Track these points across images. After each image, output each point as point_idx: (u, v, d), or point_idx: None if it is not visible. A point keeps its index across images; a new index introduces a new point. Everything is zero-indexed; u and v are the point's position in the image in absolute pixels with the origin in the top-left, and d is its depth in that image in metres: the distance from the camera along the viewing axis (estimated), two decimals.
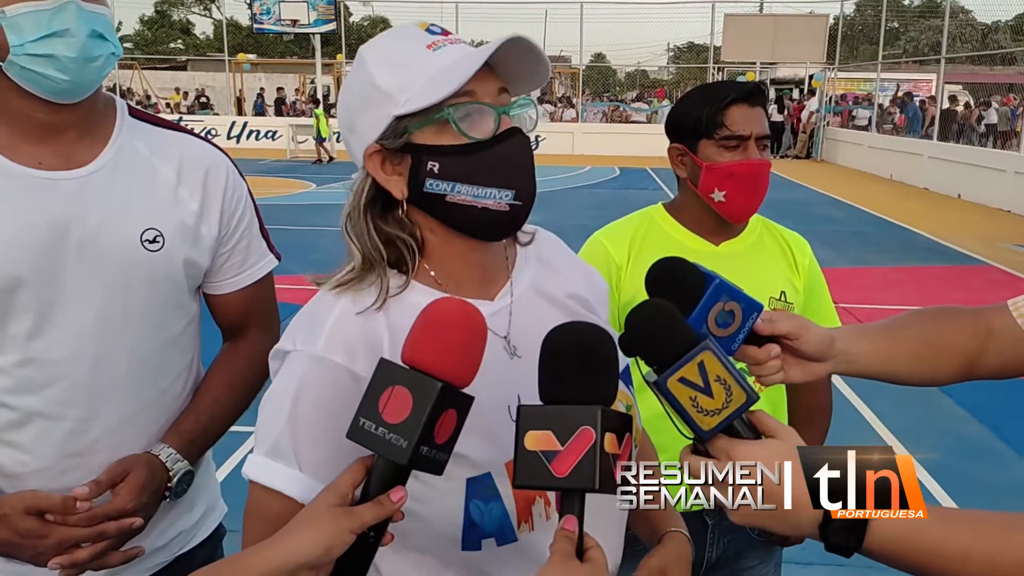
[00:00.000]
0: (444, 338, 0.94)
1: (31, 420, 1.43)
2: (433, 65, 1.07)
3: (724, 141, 1.87)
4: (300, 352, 1.09)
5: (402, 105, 1.06)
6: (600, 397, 0.96)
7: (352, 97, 1.13)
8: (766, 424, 1.03)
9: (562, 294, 1.25)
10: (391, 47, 1.12)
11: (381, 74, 1.08)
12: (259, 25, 28.35)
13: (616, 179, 19.33)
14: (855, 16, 30.57)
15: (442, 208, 1.10)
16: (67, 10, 1.34)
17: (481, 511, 1.07)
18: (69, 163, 1.43)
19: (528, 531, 1.13)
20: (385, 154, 1.10)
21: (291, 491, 1.06)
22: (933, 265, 10.42)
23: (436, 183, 1.08)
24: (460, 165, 1.07)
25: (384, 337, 1.09)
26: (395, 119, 1.08)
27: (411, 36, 1.11)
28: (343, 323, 1.09)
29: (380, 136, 1.09)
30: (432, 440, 0.92)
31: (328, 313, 1.10)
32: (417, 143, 1.08)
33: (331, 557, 0.92)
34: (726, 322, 1.15)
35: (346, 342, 1.08)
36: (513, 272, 1.23)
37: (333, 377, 1.06)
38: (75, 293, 1.42)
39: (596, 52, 52.39)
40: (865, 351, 1.27)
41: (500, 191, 1.09)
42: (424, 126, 1.07)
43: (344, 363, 1.07)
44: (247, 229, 1.62)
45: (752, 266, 1.96)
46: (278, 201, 14.41)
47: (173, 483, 1.50)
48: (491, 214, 1.10)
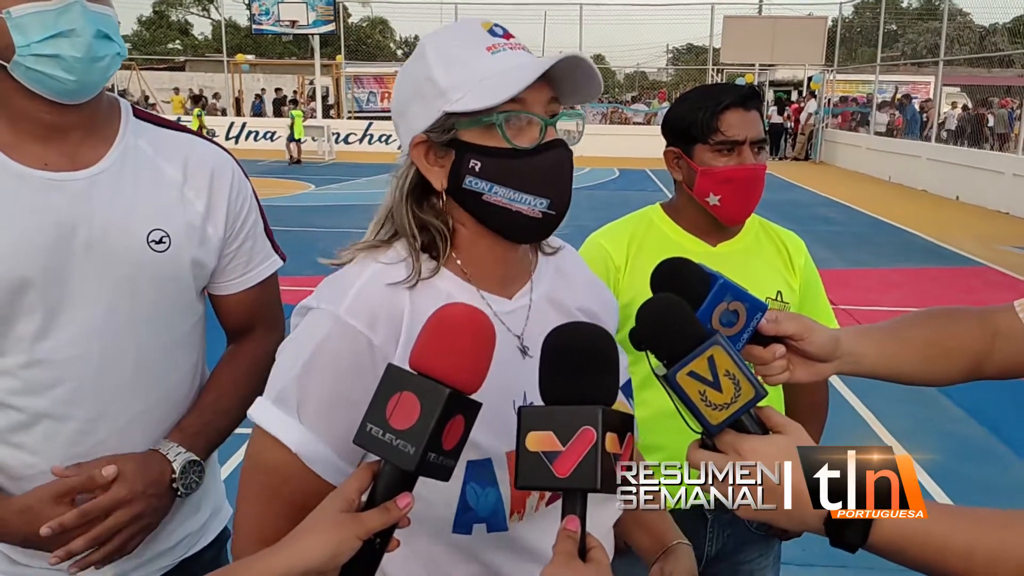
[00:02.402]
0: (452, 344, 0.94)
1: (38, 421, 1.43)
2: (490, 68, 1.10)
3: (719, 146, 1.89)
4: (323, 310, 1.12)
5: (454, 103, 1.10)
6: (601, 397, 0.96)
7: (407, 84, 1.17)
8: (774, 420, 1.03)
9: (573, 306, 1.27)
10: (452, 43, 1.14)
11: (438, 69, 1.12)
12: (258, 26, 28.35)
13: (615, 180, 19.33)
14: (854, 18, 30.56)
15: (478, 205, 1.14)
16: (72, 10, 1.33)
17: (477, 495, 1.09)
18: (75, 164, 1.43)
19: (518, 520, 1.14)
20: (430, 145, 1.14)
21: (284, 437, 1.08)
22: (931, 267, 10.43)
23: (476, 181, 1.12)
24: (501, 168, 1.11)
25: (405, 314, 1.12)
26: (445, 115, 1.11)
27: (473, 35, 1.14)
28: (369, 290, 1.12)
29: (428, 127, 1.13)
30: (439, 446, 0.92)
31: (356, 278, 1.14)
32: (463, 140, 1.12)
33: (338, 563, 0.92)
34: (730, 322, 1.16)
35: (370, 309, 1.11)
36: (534, 276, 1.25)
37: (350, 340, 1.09)
38: (82, 294, 1.42)
39: (595, 53, 52.29)
40: (872, 352, 1.27)
41: (536, 198, 1.12)
42: (472, 126, 1.11)
43: (363, 329, 1.09)
44: (252, 229, 1.62)
45: (749, 266, 1.97)
46: (277, 202, 14.39)
47: (178, 474, 1.49)
48: (524, 219, 1.13)
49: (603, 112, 29.86)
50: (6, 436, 1.44)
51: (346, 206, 14.29)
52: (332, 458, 1.09)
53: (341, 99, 29.72)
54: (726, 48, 27.03)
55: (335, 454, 1.09)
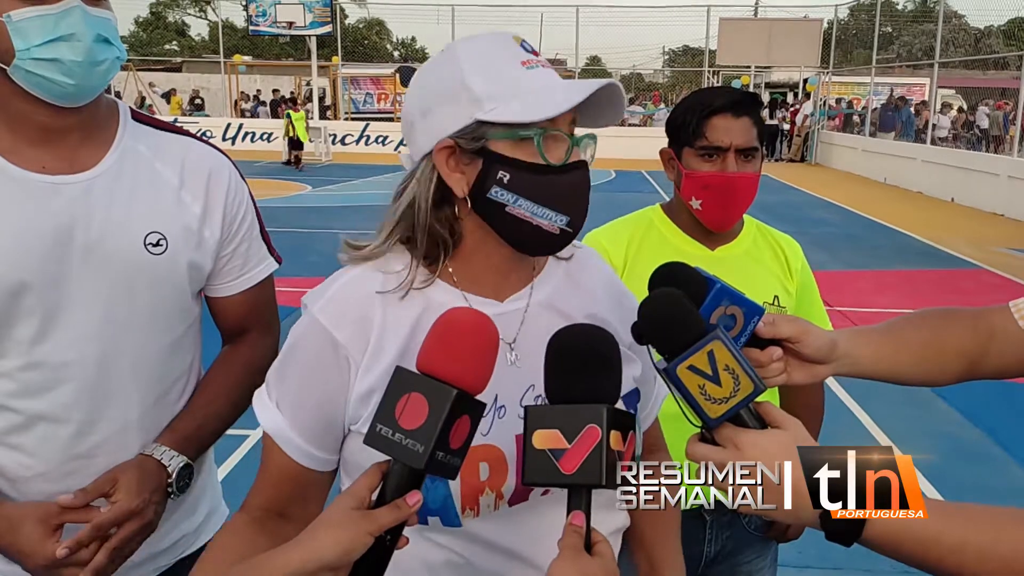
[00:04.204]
0: (459, 347, 0.97)
1: (35, 423, 1.43)
2: (528, 84, 1.11)
3: (702, 151, 1.89)
4: (308, 308, 1.19)
5: (488, 112, 1.10)
6: (605, 396, 0.99)
7: (435, 86, 1.15)
8: (772, 415, 1.05)
9: (580, 313, 1.26)
10: (488, 52, 1.14)
11: (474, 75, 1.11)
12: (255, 27, 28.30)
13: (612, 182, 19.35)
14: (849, 20, 30.62)
15: (498, 216, 1.14)
16: (73, 14, 1.34)
17: (426, 487, 1.08)
18: (73, 167, 1.43)
19: (473, 517, 1.16)
20: (455, 151, 1.13)
21: (261, 418, 1.19)
22: (926, 268, 10.46)
23: (502, 192, 1.12)
24: (529, 182, 1.11)
25: (375, 323, 1.16)
26: (477, 122, 1.11)
27: (508, 47, 1.14)
28: (345, 292, 1.18)
29: (457, 132, 1.12)
30: (447, 445, 0.94)
31: (337, 280, 1.20)
32: (493, 150, 1.11)
33: (350, 559, 0.94)
34: (728, 325, 1.17)
35: (339, 310, 1.17)
36: (536, 280, 1.26)
37: (317, 336, 1.16)
38: (80, 297, 1.42)
39: (591, 55, 52.35)
40: (868, 353, 1.28)
41: (558, 215, 1.13)
42: (505, 138, 1.11)
43: (329, 327, 1.15)
44: (248, 232, 1.62)
45: (747, 270, 1.97)
46: (273, 203, 14.39)
47: (173, 478, 1.49)
48: (543, 233, 1.14)
49: None
50: (3, 438, 1.44)
51: (343, 207, 14.30)
52: (299, 442, 1.18)
53: (338, 100, 29.73)
54: (722, 50, 27.06)
55: (302, 439, 1.18)
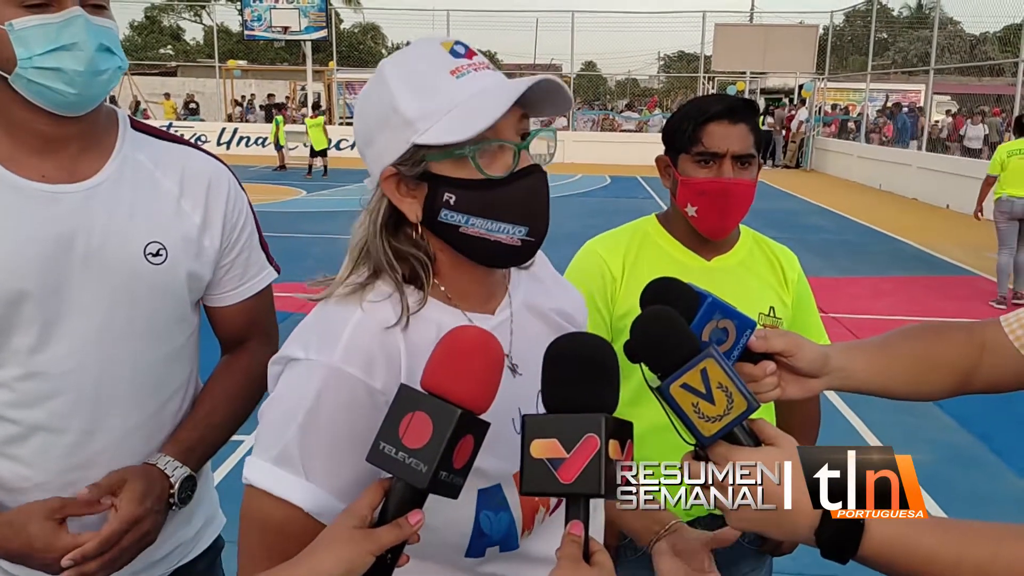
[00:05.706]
0: (464, 366, 0.96)
1: (33, 433, 1.43)
2: (457, 96, 1.06)
3: (698, 157, 1.89)
4: (314, 361, 1.06)
5: (422, 134, 1.05)
6: (603, 405, 0.98)
7: (371, 112, 1.11)
8: (766, 432, 1.05)
9: (550, 309, 1.27)
10: (414, 68, 1.09)
11: (402, 97, 1.07)
12: (250, 32, 28.31)
13: (607, 188, 19.37)
14: (844, 26, 30.67)
15: (455, 237, 1.10)
16: (75, 24, 1.33)
17: (491, 521, 1.09)
18: (73, 176, 1.42)
19: (528, 536, 1.16)
20: (401, 178, 1.10)
21: (296, 499, 1.04)
22: (921, 275, 10.47)
23: (451, 214, 1.08)
24: (476, 200, 1.07)
25: (401, 351, 1.09)
26: (414, 146, 1.06)
27: (435, 58, 1.09)
28: (361, 334, 1.07)
29: (398, 160, 1.08)
30: (450, 465, 0.94)
31: (343, 324, 1.08)
32: (435, 173, 1.08)
33: None
34: (720, 339, 1.17)
35: (365, 354, 1.06)
36: (509, 287, 1.25)
37: (349, 389, 1.05)
38: (79, 306, 1.42)
39: (587, 60, 52.50)
40: (860, 367, 1.29)
41: (514, 227, 1.09)
42: (443, 158, 1.07)
43: (361, 376, 1.05)
44: (248, 241, 1.62)
45: (743, 281, 1.97)
46: (268, 208, 14.37)
47: (175, 489, 1.49)
48: (503, 247, 1.10)
49: (594, 119, 29.97)
50: (1, 448, 1.44)
51: (337, 212, 14.28)
52: (339, 506, 1.05)
53: (333, 105, 29.70)
54: (717, 56, 27.10)
55: (339, 501, 1.05)
